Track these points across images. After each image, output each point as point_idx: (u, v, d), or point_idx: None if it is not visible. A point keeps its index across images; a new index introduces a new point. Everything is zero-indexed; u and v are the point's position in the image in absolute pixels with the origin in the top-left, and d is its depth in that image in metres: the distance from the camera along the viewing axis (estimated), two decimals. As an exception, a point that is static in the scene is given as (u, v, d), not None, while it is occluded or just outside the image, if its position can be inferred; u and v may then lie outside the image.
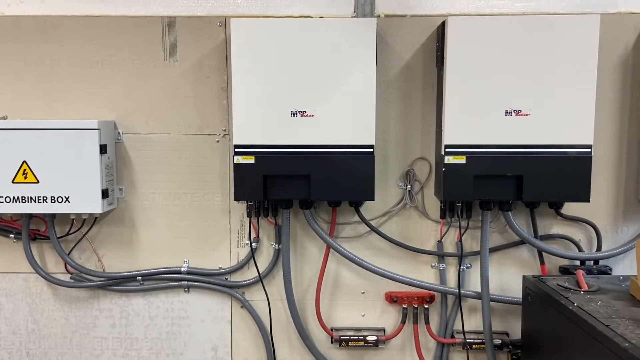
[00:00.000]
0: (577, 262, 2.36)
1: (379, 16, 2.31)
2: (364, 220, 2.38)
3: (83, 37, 2.36)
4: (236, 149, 2.17)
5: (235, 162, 2.17)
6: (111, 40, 2.36)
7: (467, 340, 2.40)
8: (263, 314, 2.48)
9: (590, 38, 2.07)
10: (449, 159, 2.14)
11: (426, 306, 2.43)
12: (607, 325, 1.61)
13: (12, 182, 2.23)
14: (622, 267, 2.38)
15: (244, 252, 2.47)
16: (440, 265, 2.42)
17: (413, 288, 2.41)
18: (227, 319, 2.52)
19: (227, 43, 2.34)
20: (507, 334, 2.44)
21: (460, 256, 2.38)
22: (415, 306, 2.43)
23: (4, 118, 2.37)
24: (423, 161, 2.39)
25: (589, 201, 2.14)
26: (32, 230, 2.44)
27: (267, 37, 2.13)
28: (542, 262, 2.39)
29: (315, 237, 2.41)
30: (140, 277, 2.47)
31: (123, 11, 2.35)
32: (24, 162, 2.23)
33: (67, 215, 2.36)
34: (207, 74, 2.37)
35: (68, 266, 2.47)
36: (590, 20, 2.08)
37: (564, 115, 2.10)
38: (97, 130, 2.23)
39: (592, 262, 2.35)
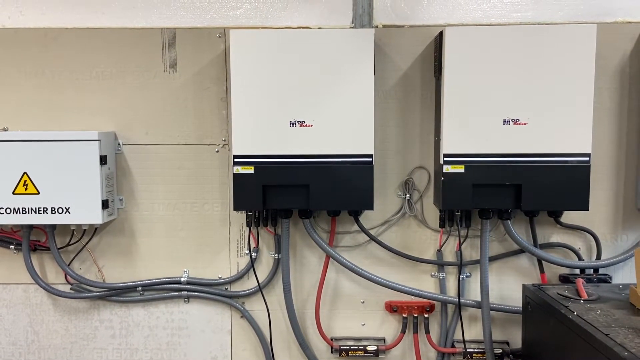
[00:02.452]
0: (577, 271, 2.36)
1: (377, 27, 2.33)
2: (363, 229, 2.38)
3: (83, 49, 2.38)
4: (235, 159, 2.18)
5: (234, 172, 2.18)
6: (111, 51, 2.37)
7: (468, 350, 2.40)
8: (263, 324, 2.48)
9: (587, 47, 2.09)
10: (447, 168, 2.15)
11: (426, 315, 2.43)
12: (606, 334, 1.61)
13: (13, 193, 2.24)
14: (622, 276, 2.38)
15: (244, 261, 2.47)
16: (440, 275, 2.42)
17: (413, 297, 2.41)
18: (227, 329, 2.51)
19: (226, 54, 2.35)
20: (508, 343, 2.43)
21: (460, 265, 2.38)
22: (415, 315, 2.42)
23: (5, 129, 2.39)
24: (422, 170, 2.40)
25: (588, 209, 2.15)
26: (33, 241, 2.44)
27: (266, 48, 2.15)
28: (542, 270, 2.39)
29: (314, 247, 2.41)
30: (140, 288, 2.47)
31: (123, 23, 2.37)
32: (25, 173, 2.24)
33: (68, 226, 2.36)
34: (207, 84, 2.38)
35: (68, 277, 2.47)
36: (587, 30, 2.10)
37: (561, 124, 2.11)
38: (97, 141, 2.24)
39: (591, 270, 2.35)
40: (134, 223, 2.46)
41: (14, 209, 2.25)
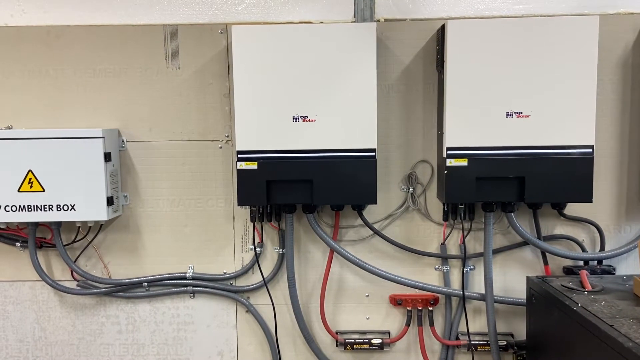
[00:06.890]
0: (581, 263, 2.37)
1: (378, 21, 2.33)
2: (367, 223, 2.39)
3: (86, 47, 2.38)
4: (239, 155, 2.19)
5: (238, 167, 2.19)
6: (114, 49, 2.38)
7: (472, 342, 2.41)
8: (268, 319, 2.49)
9: (589, 39, 2.08)
10: (450, 162, 2.15)
11: (430, 308, 2.44)
12: (611, 325, 1.62)
13: (18, 191, 2.25)
14: (626, 267, 2.38)
15: (248, 257, 2.48)
16: (444, 268, 2.43)
17: (417, 290, 2.42)
18: (232, 324, 2.53)
19: (228, 50, 2.36)
20: (512, 335, 2.44)
21: (464, 258, 2.39)
22: (420, 308, 2.44)
23: (9, 127, 2.40)
24: (425, 164, 2.40)
25: (591, 201, 2.15)
26: (39, 238, 2.46)
27: (268, 44, 2.15)
28: (545, 262, 2.40)
29: (318, 241, 2.42)
30: (145, 283, 2.48)
31: (125, 20, 2.37)
32: (30, 171, 2.25)
33: (73, 223, 2.37)
34: (209, 80, 2.39)
35: (74, 273, 2.49)
36: (590, 21, 2.09)
37: (564, 116, 2.11)
38: (101, 139, 2.25)
39: (595, 262, 2.35)
40: (138, 219, 2.47)
41: (20, 206, 2.26)
